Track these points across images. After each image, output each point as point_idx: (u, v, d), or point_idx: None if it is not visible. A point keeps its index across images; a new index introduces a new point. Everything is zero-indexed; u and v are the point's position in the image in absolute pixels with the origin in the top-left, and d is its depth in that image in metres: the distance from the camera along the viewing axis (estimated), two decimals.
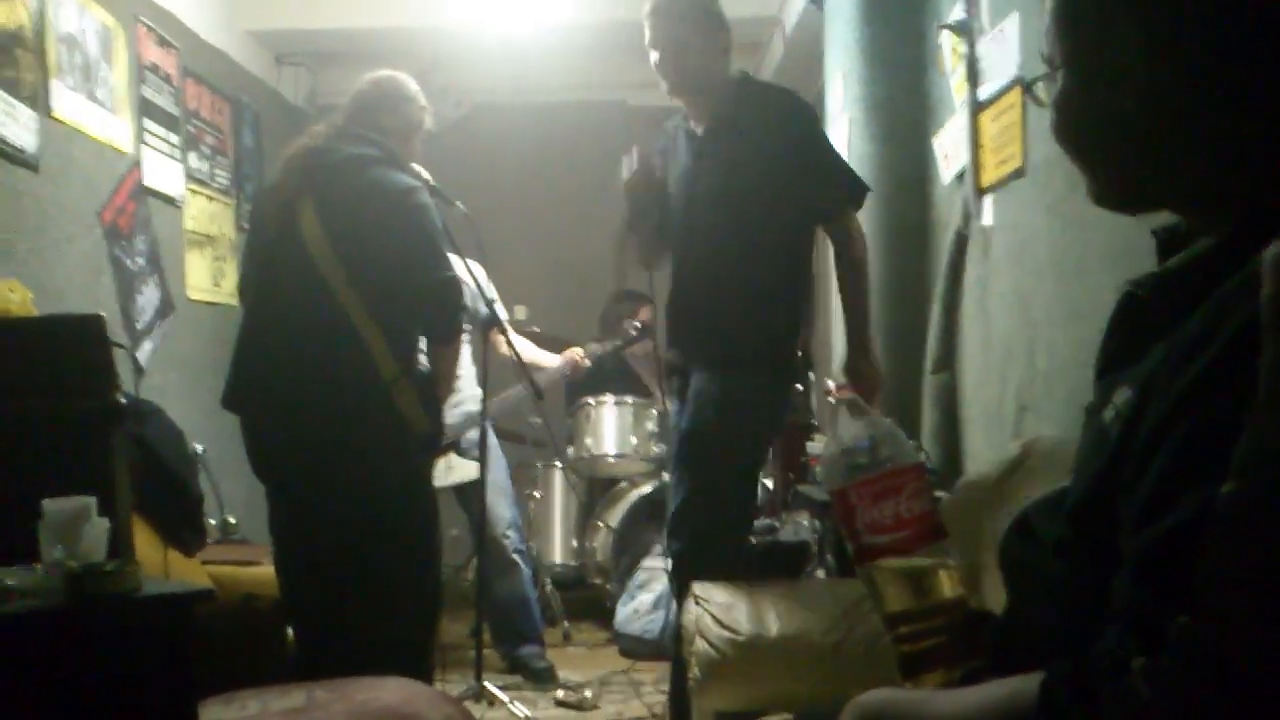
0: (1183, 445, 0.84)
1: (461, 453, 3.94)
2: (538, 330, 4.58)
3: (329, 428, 2.64)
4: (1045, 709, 0.87)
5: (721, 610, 2.44)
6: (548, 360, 4.20)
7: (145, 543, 2.82)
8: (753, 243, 2.76)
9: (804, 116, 2.82)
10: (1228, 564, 0.78)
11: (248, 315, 2.83)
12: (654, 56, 2.82)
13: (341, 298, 2.63)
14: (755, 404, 2.78)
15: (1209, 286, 0.88)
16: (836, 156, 2.88)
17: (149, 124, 4.27)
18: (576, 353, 4.21)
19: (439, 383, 2.82)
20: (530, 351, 4.06)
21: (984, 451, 2.83)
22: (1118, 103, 0.97)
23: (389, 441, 2.67)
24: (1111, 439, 0.94)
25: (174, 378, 4.27)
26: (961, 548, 1.74)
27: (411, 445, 2.72)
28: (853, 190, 2.85)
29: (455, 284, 2.76)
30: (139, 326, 4.11)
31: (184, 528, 3.18)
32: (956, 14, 2.96)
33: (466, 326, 3.46)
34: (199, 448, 3.91)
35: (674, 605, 2.88)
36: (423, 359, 2.81)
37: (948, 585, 1.24)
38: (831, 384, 2.08)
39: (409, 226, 2.70)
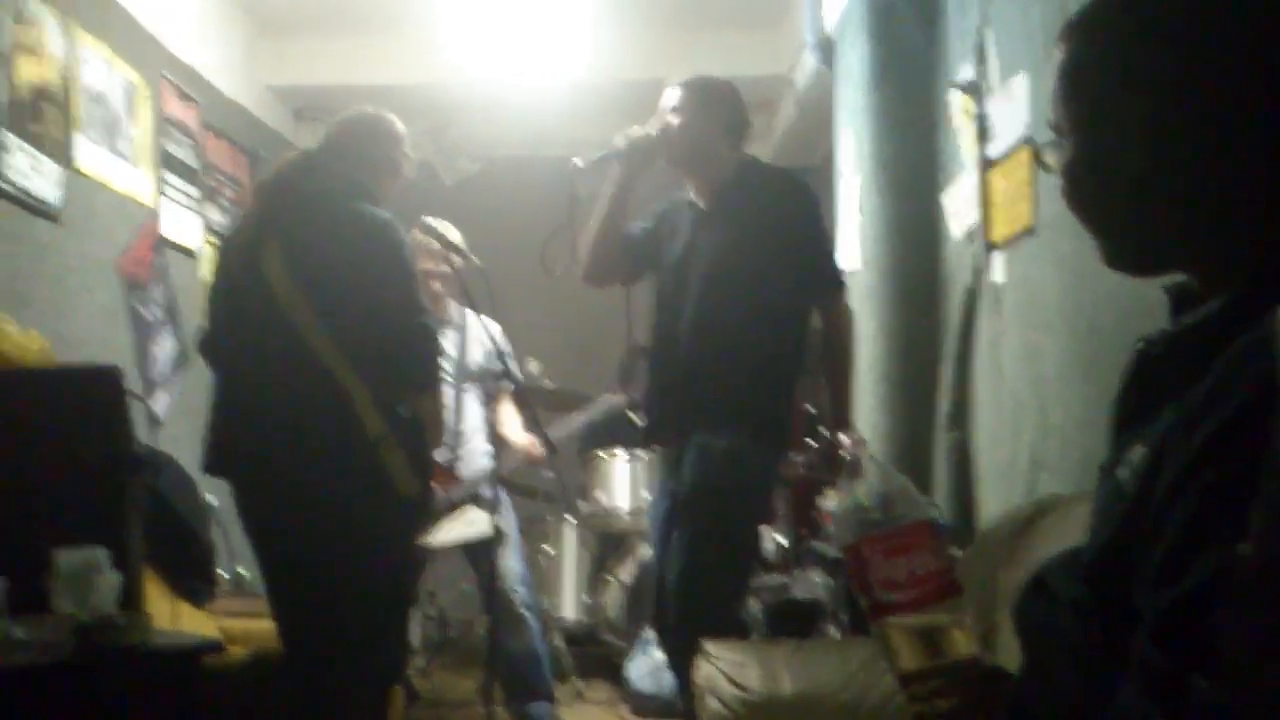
0: (1198, 505, 0.83)
1: (480, 506, 3.92)
2: (550, 386, 4.58)
3: (313, 492, 2.47)
4: None
5: (734, 668, 2.42)
6: (515, 439, 4.09)
7: (155, 593, 2.81)
8: (747, 314, 2.80)
9: (804, 198, 2.89)
10: (1247, 627, 0.77)
11: (218, 371, 2.63)
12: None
13: (316, 347, 2.44)
14: (751, 466, 2.79)
15: (1222, 344, 0.89)
16: (832, 242, 2.96)
17: (169, 176, 4.33)
18: (534, 446, 4.06)
19: (427, 433, 2.64)
20: (508, 427, 3.99)
21: (997, 508, 2.82)
22: (1124, 168, 0.98)
23: (374, 505, 2.49)
24: (1127, 497, 0.94)
25: (188, 428, 4.27)
26: (976, 606, 1.73)
27: (397, 509, 2.55)
28: (840, 275, 2.96)
29: (430, 330, 2.62)
30: (155, 377, 4.14)
31: (195, 579, 3.18)
32: (965, 74, 3.00)
33: (446, 374, 3.37)
34: (211, 499, 3.91)
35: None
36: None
37: (963, 644, 1.23)
38: (845, 439, 2.08)
39: (382, 265, 2.50)
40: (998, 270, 2.85)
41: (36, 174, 3.35)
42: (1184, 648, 0.81)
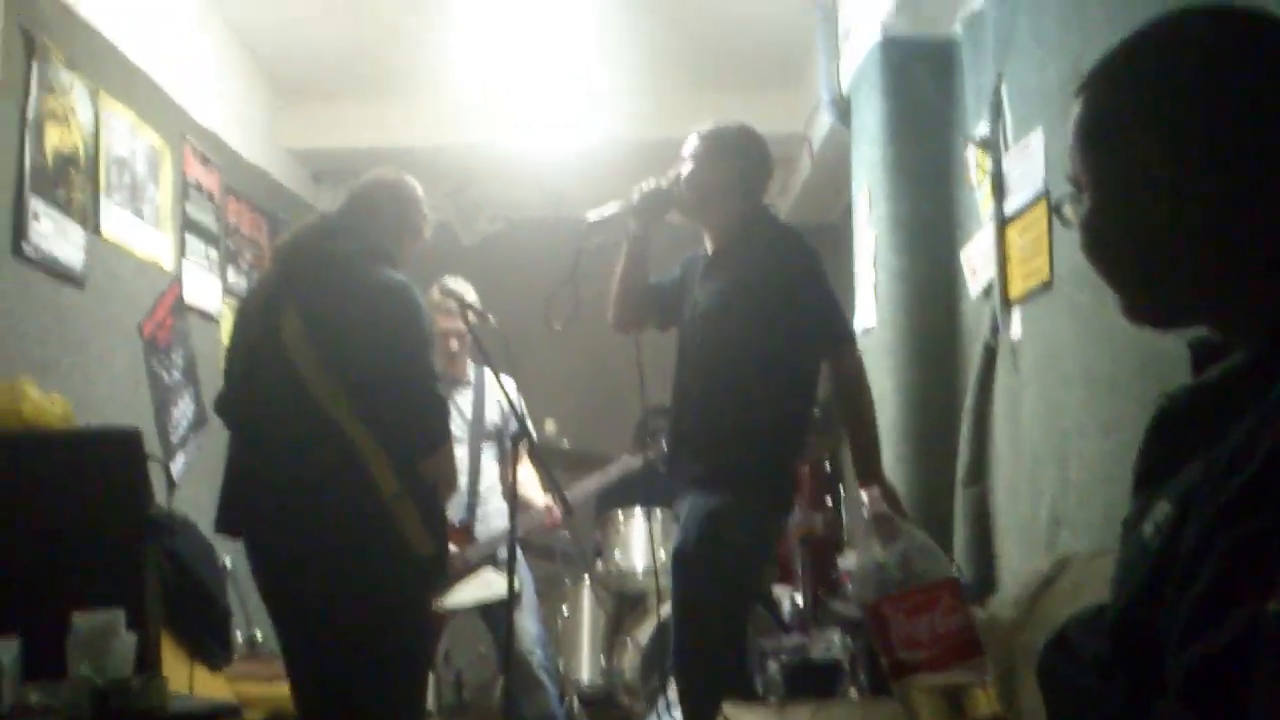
0: (1226, 561, 0.82)
1: (497, 567, 3.90)
2: (566, 446, 4.57)
3: (328, 551, 2.46)
4: None
5: None
6: (534, 499, 4.09)
7: (172, 656, 2.80)
8: (740, 366, 2.76)
9: (803, 254, 2.84)
10: (1276, 686, 0.76)
11: (235, 431, 2.65)
12: None
13: (331, 409, 2.45)
14: (738, 526, 2.72)
15: (1246, 399, 0.88)
16: (834, 296, 2.87)
17: (190, 240, 4.38)
18: (551, 509, 4.05)
19: (439, 490, 2.64)
20: (526, 486, 3.98)
21: (1017, 564, 2.79)
22: (1144, 220, 0.98)
23: (390, 565, 2.49)
24: (1151, 554, 0.93)
25: (206, 490, 4.27)
26: (996, 666, 1.70)
27: (412, 569, 2.54)
28: (848, 327, 2.91)
29: (439, 396, 2.61)
30: (173, 439, 4.15)
31: (211, 642, 3.17)
32: (981, 130, 3.02)
33: (461, 433, 3.34)
34: (227, 562, 3.91)
35: None
36: None
37: (984, 703, 1.22)
38: (865, 497, 2.06)
39: (397, 330, 2.52)
40: (1015, 326, 2.85)
41: (62, 240, 3.39)
42: (1213, 707, 0.80)
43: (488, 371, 3.95)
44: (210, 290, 4.58)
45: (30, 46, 3.25)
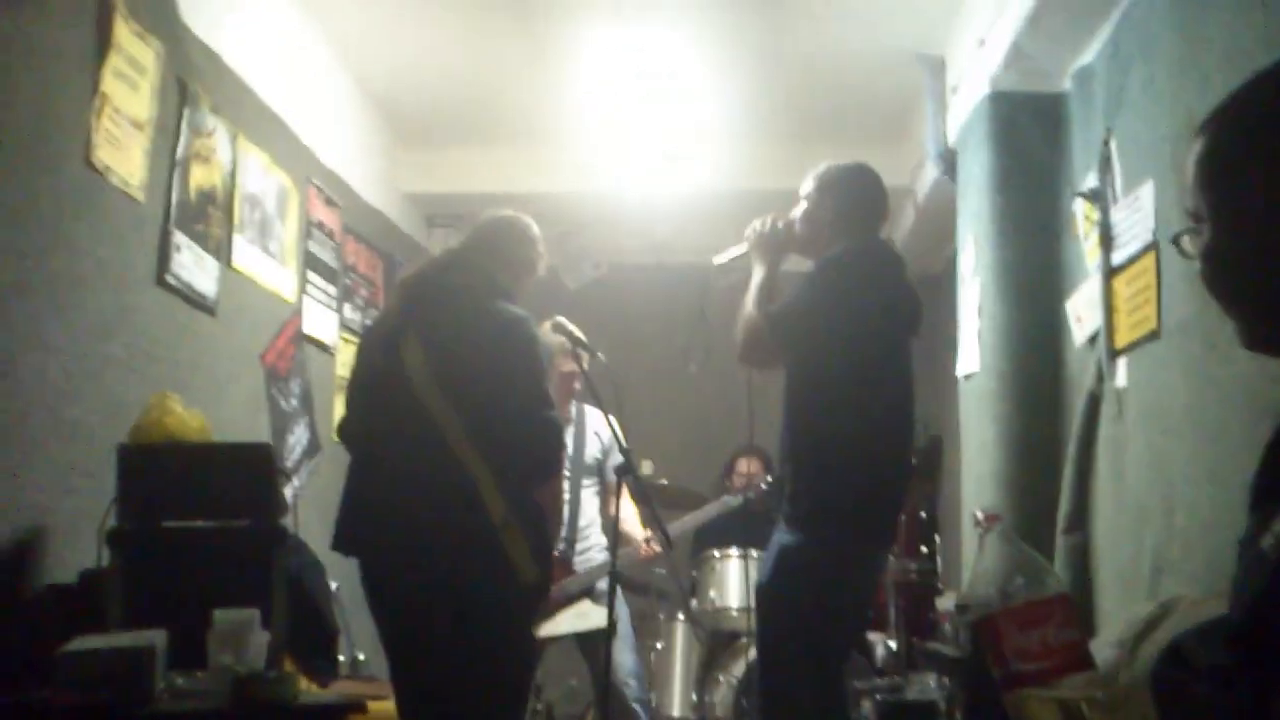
0: None
1: (595, 599, 3.98)
2: (665, 483, 4.65)
3: (438, 573, 2.53)
4: None
5: None
6: (633, 533, 4.14)
7: (285, 668, 2.92)
8: (796, 395, 2.78)
9: (824, 264, 2.79)
10: None
11: (355, 454, 2.72)
12: None
13: (448, 434, 2.53)
14: (802, 564, 2.69)
15: None
16: (804, 298, 2.78)
17: (311, 276, 4.59)
18: (648, 543, 4.13)
19: (548, 518, 2.70)
20: (626, 521, 4.05)
21: (1118, 613, 2.78)
22: (1265, 248, 1.03)
23: (496, 590, 2.55)
24: (1270, 563, 0.95)
25: (315, 515, 4.44)
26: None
27: (517, 595, 2.58)
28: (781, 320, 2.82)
29: (556, 424, 2.65)
30: (288, 464, 4.33)
31: (320, 658, 3.27)
32: (1089, 182, 3.06)
33: (565, 470, 3.41)
34: (334, 584, 4.05)
35: None
36: None
37: (1098, 717, 1.26)
38: (979, 514, 2.09)
39: (515, 359, 2.59)
40: (1121, 374, 2.87)
41: (200, 271, 3.60)
42: None
43: (589, 408, 4.06)
44: (328, 324, 4.78)
45: (184, 93, 3.48)
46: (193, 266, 3.56)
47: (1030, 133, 3.50)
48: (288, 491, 4.26)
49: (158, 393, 2.95)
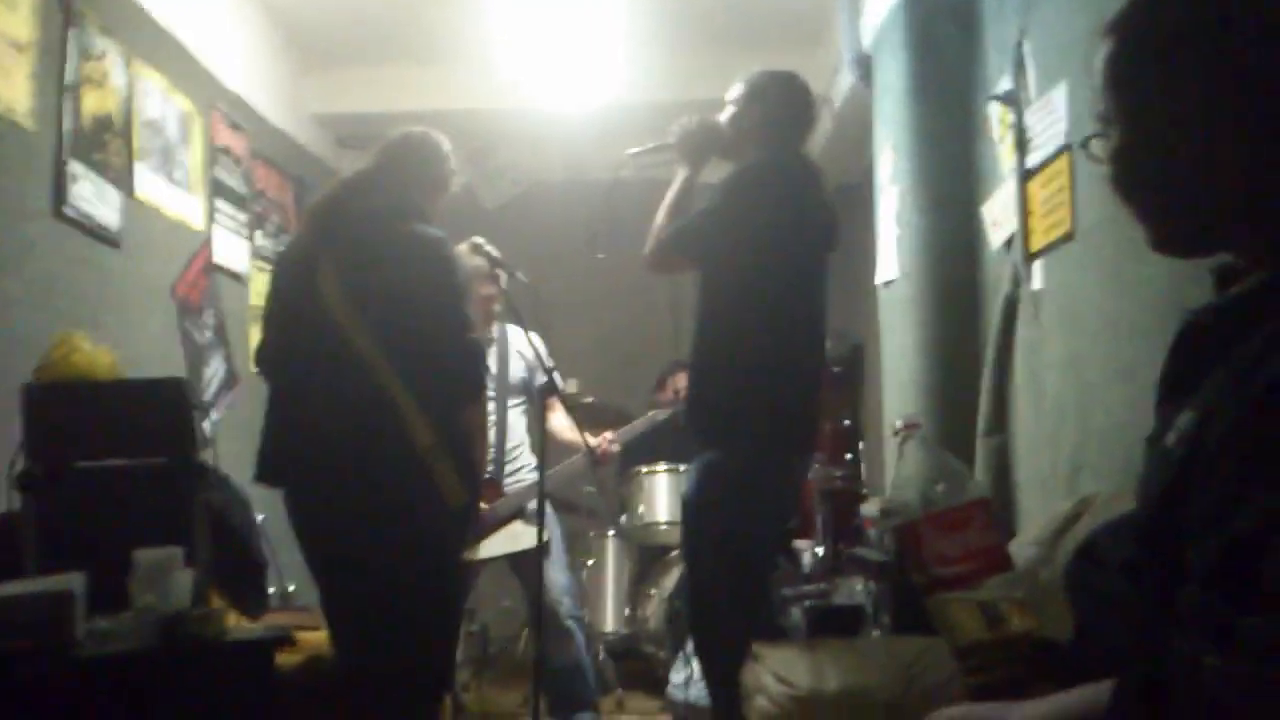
0: (1249, 454, 0.86)
1: (526, 520, 3.98)
2: (590, 400, 4.65)
3: (365, 500, 2.51)
4: (1119, 710, 0.90)
5: (780, 666, 2.46)
6: (575, 439, 4.14)
7: (213, 604, 2.89)
8: (706, 304, 2.81)
9: (736, 176, 2.79)
10: None
11: (275, 384, 2.69)
12: None
13: (369, 361, 2.50)
14: (721, 476, 2.74)
15: (1268, 310, 0.92)
16: (712, 211, 2.78)
17: (219, 203, 4.45)
18: (605, 439, 4.16)
19: (472, 444, 2.69)
20: (569, 432, 4.05)
21: (1037, 514, 2.85)
22: (1173, 151, 1.02)
23: (425, 515, 2.54)
24: (1175, 460, 0.97)
25: (236, 448, 4.36)
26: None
27: (446, 519, 2.59)
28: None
29: (477, 346, 2.65)
30: (205, 397, 4.24)
31: (249, 592, 3.24)
32: (1004, 85, 3.06)
33: (491, 391, 3.40)
34: (259, 517, 4.00)
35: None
36: None
37: (1017, 617, 1.28)
38: (899, 422, 2.12)
39: (433, 282, 2.57)
40: (1037, 278, 2.90)
41: (101, 202, 3.47)
42: (1236, 589, 0.84)
43: (510, 328, 4.02)
44: (239, 252, 4.65)
45: (68, 12, 3.31)
46: (92, 197, 3.43)
47: (946, 36, 3.48)
48: (206, 425, 4.19)
49: (63, 330, 2.85)
